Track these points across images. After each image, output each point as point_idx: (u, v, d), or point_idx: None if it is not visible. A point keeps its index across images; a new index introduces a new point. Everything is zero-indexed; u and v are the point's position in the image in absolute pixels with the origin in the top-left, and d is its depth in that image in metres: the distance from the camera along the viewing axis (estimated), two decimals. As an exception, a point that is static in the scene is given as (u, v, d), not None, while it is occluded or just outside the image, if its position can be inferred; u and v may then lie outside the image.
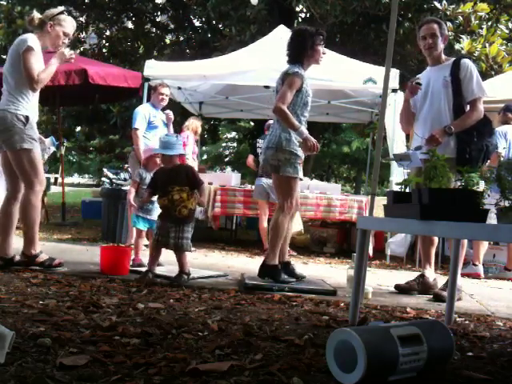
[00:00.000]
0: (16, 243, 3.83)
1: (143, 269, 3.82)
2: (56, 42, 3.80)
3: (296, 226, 5.77)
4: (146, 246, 4.53)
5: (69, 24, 3.84)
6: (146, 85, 6.57)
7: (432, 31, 3.75)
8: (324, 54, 3.85)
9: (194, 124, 6.39)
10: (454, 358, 2.05)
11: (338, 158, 19.44)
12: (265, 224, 5.95)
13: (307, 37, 3.72)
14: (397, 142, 6.11)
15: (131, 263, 4.02)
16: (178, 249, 3.60)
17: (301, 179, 3.86)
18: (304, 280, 3.79)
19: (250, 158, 6.71)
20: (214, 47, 9.17)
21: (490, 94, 4.52)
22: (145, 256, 4.08)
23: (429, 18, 3.95)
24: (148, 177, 4.13)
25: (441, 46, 3.78)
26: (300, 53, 3.73)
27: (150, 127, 5.43)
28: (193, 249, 5.96)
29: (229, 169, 22.70)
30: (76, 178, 33.61)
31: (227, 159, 23.85)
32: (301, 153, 3.72)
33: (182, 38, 11.73)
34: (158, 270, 3.81)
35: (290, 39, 3.82)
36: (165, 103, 5.55)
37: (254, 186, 6.41)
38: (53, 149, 6.44)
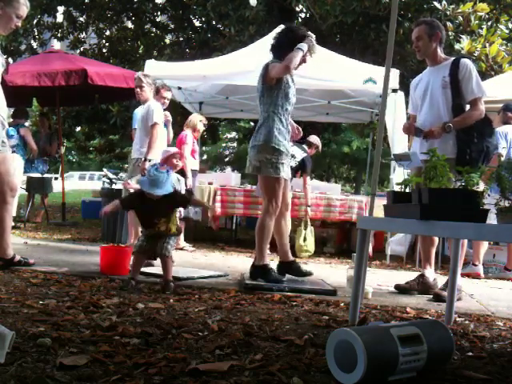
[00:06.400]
0: (15, 243, 3.82)
1: (147, 269, 3.84)
2: (8, 25, 3.49)
3: None
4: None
5: (22, 5, 3.48)
6: (146, 85, 6.56)
7: (417, 34, 3.77)
8: (304, 62, 3.75)
9: (191, 122, 6.33)
10: (454, 358, 2.05)
11: (338, 158, 19.42)
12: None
13: (295, 38, 3.67)
14: (397, 142, 6.11)
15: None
16: (164, 254, 3.33)
17: (285, 179, 3.79)
18: (303, 279, 3.79)
19: None
20: (214, 47, 9.17)
21: (490, 94, 4.54)
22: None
23: (417, 21, 3.93)
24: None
25: (432, 45, 3.75)
26: (285, 52, 3.65)
27: (150, 127, 5.45)
28: (192, 248, 6.01)
29: (229, 169, 22.72)
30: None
31: (227, 159, 23.86)
32: (286, 148, 3.70)
33: (181, 38, 11.72)
34: (150, 270, 3.84)
35: (278, 35, 3.79)
36: (165, 106, 5.61)
37: (254, 187, 6.42)
38: (13, 141, 6.44)
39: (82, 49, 11.91)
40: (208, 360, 1.84)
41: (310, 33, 3.78)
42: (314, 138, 6.80)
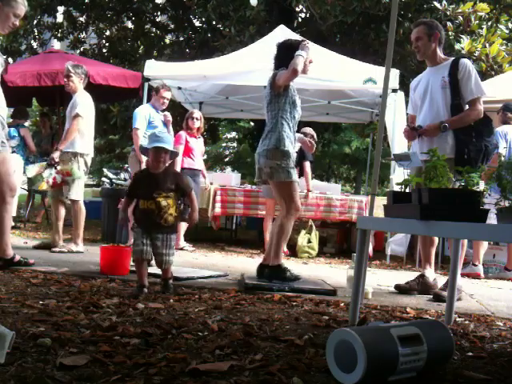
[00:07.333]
0: (15, 243, 3.82)
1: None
2: (6, 23, 3.50)
3: None
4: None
5: (20, 4, 3.51)
6: (146, 85, 6.58)
7: (417, 35, 3.78)
8: (311, 62, 3.81)
9: (185, 122, 6.28)
10: (454, 358, 2.05)
11: (338, 158, 19.41)
12: (269, 223, 5.92)
13: (291, 48, 3.73)
14: (397, 142, 6.11)
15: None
16: (167, 265, 3.20)
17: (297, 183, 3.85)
18: (300, 280, 3.80)
19: None
20: (214, 47, 9.17)
21: (489, 94, 4.55)
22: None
23: (417, 22, 3.95)
24: None
25: (431, 45, 3.76)
26: (285, 64, 3.70)
27: (149, 127, 5.45)
28: (192, 248, 6.01)
29: (229, 169, 22.69)
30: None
31: (227, 159, 23.85)
32: (292, 154, 3.74)
33: (181, 38, 11.72)
34: (150, 270, 3.80)
35: (276, 52, 3.85)
36: (165, 106, 5.60)
37: (254, 187, 6.41)
38: (15, 142, 6.42)
39: (82, 49, 11.89)
40: (208, 360, 1.84)
41: (301, 38, 3.91)
42: (308, 129, 6.73)
